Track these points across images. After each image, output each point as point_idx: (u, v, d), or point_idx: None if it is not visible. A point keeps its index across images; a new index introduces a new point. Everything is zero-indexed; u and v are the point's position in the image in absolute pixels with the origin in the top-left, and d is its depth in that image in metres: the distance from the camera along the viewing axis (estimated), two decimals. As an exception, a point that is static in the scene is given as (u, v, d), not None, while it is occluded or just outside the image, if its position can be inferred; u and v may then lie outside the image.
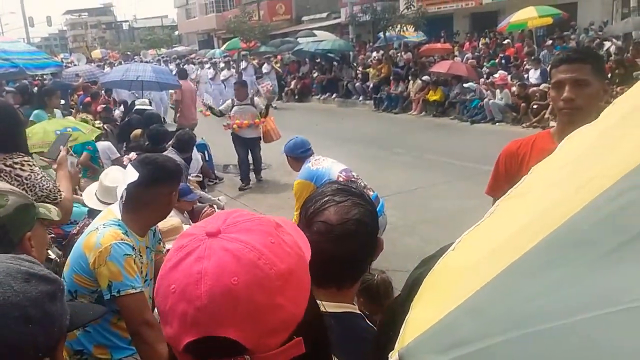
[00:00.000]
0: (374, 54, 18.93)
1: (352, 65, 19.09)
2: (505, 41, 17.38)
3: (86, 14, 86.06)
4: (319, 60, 20.31)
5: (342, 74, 18.56)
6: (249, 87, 15.74)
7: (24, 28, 36.88)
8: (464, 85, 13.66)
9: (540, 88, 11.89)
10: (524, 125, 11.68)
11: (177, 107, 10.43)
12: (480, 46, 17.91)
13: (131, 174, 2.09)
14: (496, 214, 0.76)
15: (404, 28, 17.44)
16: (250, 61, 19.66)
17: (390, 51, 18.42)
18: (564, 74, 2.03)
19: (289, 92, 19.90)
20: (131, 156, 5.33)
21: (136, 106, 9.25)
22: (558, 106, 2.07)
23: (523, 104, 12.04)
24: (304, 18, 31.48)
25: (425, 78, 14.89)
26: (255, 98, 8.68)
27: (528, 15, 14.55)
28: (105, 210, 2.32)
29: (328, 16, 28.64)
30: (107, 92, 12.44)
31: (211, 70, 18.59)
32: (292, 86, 20.10)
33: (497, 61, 15.18)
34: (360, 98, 17.41)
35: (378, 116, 15.42)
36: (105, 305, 1.94)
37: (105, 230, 2.08)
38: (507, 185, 0.79)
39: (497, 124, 12.36)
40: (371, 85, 16.73)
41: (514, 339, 0.54)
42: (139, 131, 7.52)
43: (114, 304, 2.03)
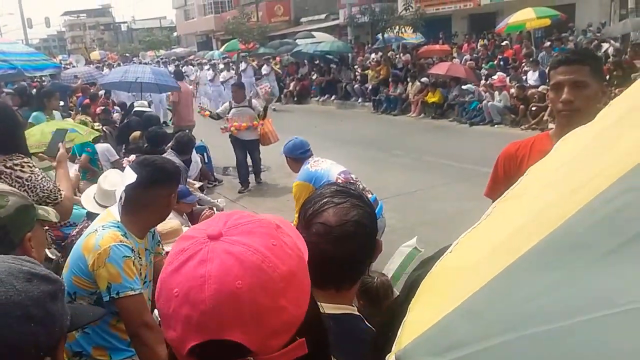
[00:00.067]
0: (373, 55, 18.92)
1: (351, 66, 19.07)
2: (504, 43, 17.39)
3: (84, 15, 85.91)
4: (317, 61, 20.30)
5: (341, 76, 18.55)
6: (249, 89, 15.77)
7: (22, 29, 36.90)
8: (463, 87, 13.67)
9: (539, 90, 11.89)
10: (523, 127, 11.68)
11: (174, 109, 10.43)
12: (478, 48, 17.93)
13: (130, 176, 2.09)
14: (493, 215, 0.76)
15: (403, 29, 17.47)
16: (250, 62, 19.64)
17: (388, 53, 18.43)
18: (563, 76, 2.03)
19: (287, 94, 19.89)
20: (130, 159, 5.33)
21: (135, 108, 9.26)
22: (557, 108, 2.07)
23: (522, 106, 12.05)
24: (303, 19, 31.50)
25: (424, 80, 14.90)
26: (253, 100, 8.66)
27: (526, 16, 14.60)
28: (104, 212, 2.32)
29: (326, 17, 28.66)
30: (106, 94, 12.43)
31: (210, 72, 18.56)
32: (291, 88, 20.10)
33: (496, 63, 15.21)
34: (359, 100, 17.40)
35: (377, 118, 15.42)
36: (105, 307, 1.94)
37: (104, 232, 2.08)
38: (506, 187, 0.80)
39: (496, 125, 12.36)
40: (370, 87, 16.73)
41: (511, 341, 0.54)
42: (138, 133, 7.53)
43: (113, 306, 2.03)
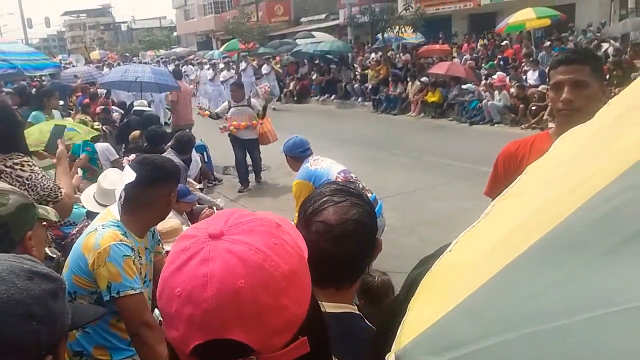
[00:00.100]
0: (373, 55, 18.90)
1: (351, 66, 19.07)
2: (504, 42, 17.40)
3: (84, 15, 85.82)
4: (317, 61, 20.30)
5: (341, 75, 18.55)
6: (249, 89, 15.76)
7: (22, 29, 36.81)
8: (463, 86, 13.67)
9: (539, 89, 11.90)
10: (523, 126, 11.69)
11: (173, 108, 10.43)
12: (478, 47, 17.93)
13: (129, 175, 2.09)
14: (492, 214, 0.76)
15: (403, 29, 17.47)
16: (250, 62, 19.63)
17: (388, 52, 18.43)
18: (563, 75, 2.02)
19: (287, 94, 19.89)
20: (130, 158, 5.33)
21: (135, 107, 9.25)
22: (557, 107, 2.07)
23: (522, 106, 12.05)
24: (303, 19, 31.50)
25: (423, 79, 14.90)
26: (252, 99, 8.65)
27: (526, 16, 14.60)
28: (104, 211, 2.32)
29: (326, 17, 28.66)
30: (106, 94, 12.41)
31: (210, 71, 18.55)
32: (291, 87, 20.10)
33: (496, 62, 15.21)
34: (359, 99, 17.40)
35: (377, 117, 15.42)
36: (105, 306, 1.93)
37: (104, 231, 2.08)
38: (506, 186, 0.80)
39: (496, 125, 12.37)
40: (370, 87, 16.73)
41: (510, 340, 0.54)
42: (138, 132, 7.52)
43: (114, 305, 2.03)
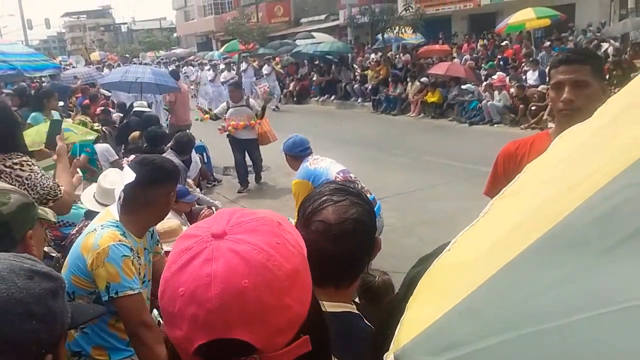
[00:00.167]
0: (373, 55, 18.92)
1: (351, 67, 19.08)
2: (504, 43, 17.41)
3: (84, 16, 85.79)
4: (317, 62, 20.31)
5: (341, 76, 18.56)
6: (249, 89, 15.77)
7: (22, 30, 36.79)
8: (462, 86, 13.68)
9: (539, 89, 11.90)
10: (523, 126, 11.70)
11: (171, 109, 10.45)
12: (478, 48, 17.94)
13: (129, 175, 2.09)
14: (491, 213, 0.76)
15: (402, 30, 17.49)
16: (251, 63, 19.65)
17: (388, 53, 18.44)
18: (564, 75, 2.02)
19: (287, 94, 19.91)
20: (130, 159, 5.32)
21: (134, 108, 9.25)
22: (557, 107, 2.06)
23: (521, 106, 12.06)
24: (303, 20, 31.52)
25: (423, 80, 14.91)
26: (250, 100, 8.63)
27: (526, 16, 14.61)
28: (103, 211, 2.32)
29: (326, 18, 28.67)
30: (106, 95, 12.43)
31: (211, 72, 18.57)
32: (291, 88, 20.12)
33: (495, 63, 15.22)
34: (359, 100, 17.42)
35: (376, 118, 15.44)
36: (103, 306, 1.93)
37: (103, 231, 2.08)
38: (505, 186, 0.79)
39: (496, 125, 12.37)
40: (370, 87, 16.74)
41: (510, 340, 0.54)
42: (137, 133, 7.52)
43: (112, 306, 2.03)
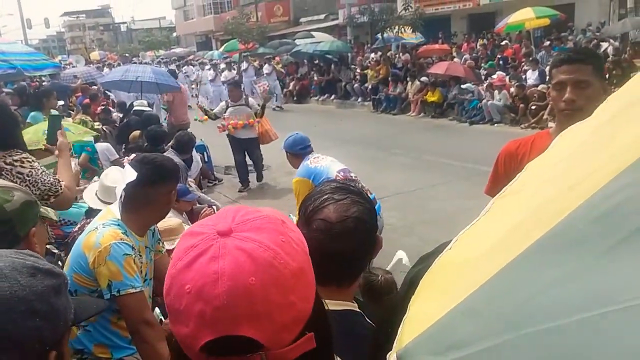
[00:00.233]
0: (372, 55, 18.90)
1: (351, 66, 19.07)
2: (503, 42, 17.40)
3: (84, 15, 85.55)
4: (317, 61, 20.30)
5: (341, 75, 18.55)
6: (250, 89, 15.74)
7: (21, 30, 36.64)
8: (462, 86, 13.67)
9: (539, 89, 11.90)
10: (523, 126, 11.69)
11: (170, 108, 10.45)
12: (478, 47, 17.93)
13: (130, 174, 2.09)
14: (491, 212, 0.76)
15: (402, 29, 17.47)
16: (251, 62, 19.63)
17: (388, 52, 18.42)
18: (566, 75, 2.01)
19: (287, 94, 19.89)
20: (130, 158, 5.32)
21: (135, 107, 9.25)
22: (559, 107, 2.05)
23: (521, 105, 12.05)
24: (302, 19, 31.50)
25: (423, 79, 14.89)
26: (250, 99, 8.60)
27: (525, 16, 14.61)
28: (104, 209, 2.33)
29: (326, 17, 28.65)
30: (106, 94, 12.42)
31: (211, 72, 18.55)
32: (291, 87, 20.10)
33: (495, 62, 15.21)
34: (359, 99, 17.40)
35: (376, 117, 15.42)
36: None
37: (104, 230, 2.09)
38: (506, 185, 0.79)
39: (496, 124, 12.37)
40: (369, 87, 16.72)
41: (512, 340, 0.54)
42: (138, 132, 7.51)
43: (114, 304, 2.04)
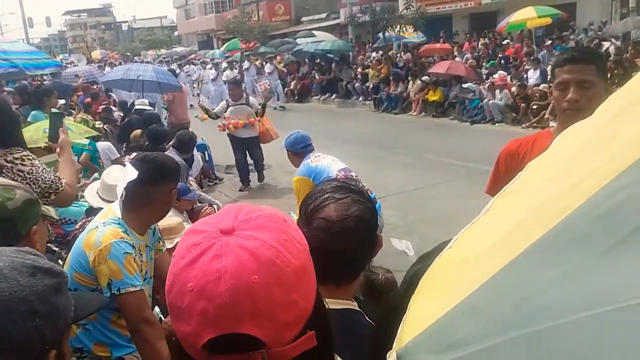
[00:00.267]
0: (374, 54, 18.88)
1: (352, 65, 19.06)
2: (505, 41, 17.38)
3: (85, 14, 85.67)
4: (318, 60, 20.29)
5: (342, 75, 18.54)
6: (251, 88, 15.74)
7: (23, 29, 36.78)
8: (463, 85, 13.66)
9: (540, 88, 11.89)
10: (524, 125, 11.68)
11: (169, 107, 10.47)
12: (479, 46, 17.92)
13: (131, 173, 2.09)
14: (492, 210, 0.76)
15: (403, 28, 17.44)
16: (253, 61, 19.63)
17: (389, 51, 18.41)
18: (569, 75, 2.00)
19: (288, 93, 19.89)
20: (132, 157, 5.32)
21: (136, 106, 9.26)
22: (561, 107, 2.04)
23: (523, 104, 12.04)
24: (303, 19, 31.49)
25: (424, 78, 14.88)
26: (250, 98, 8.60)
27: (527, 15, 14.59)
28: (105, 208, 2.33)
29: (327, 17, 28.64)
30: (107, 93, 12.43)
31: (213, 71, 18.54)
32: (292, 87, 20.10)
33: (497, 61, 15.19)
34: (360, 98, 17.39)
35: (378, 116, 15.42)
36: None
37: (105, 228, 2.09)
38: (507, 184, 0.79)
39: (497, 124, 12.36)
40: (371, 86, 16.71)
41: (512, 339, 0.54)
42: (139, 131, 7.52)
43: (114, 302, 2.04)
